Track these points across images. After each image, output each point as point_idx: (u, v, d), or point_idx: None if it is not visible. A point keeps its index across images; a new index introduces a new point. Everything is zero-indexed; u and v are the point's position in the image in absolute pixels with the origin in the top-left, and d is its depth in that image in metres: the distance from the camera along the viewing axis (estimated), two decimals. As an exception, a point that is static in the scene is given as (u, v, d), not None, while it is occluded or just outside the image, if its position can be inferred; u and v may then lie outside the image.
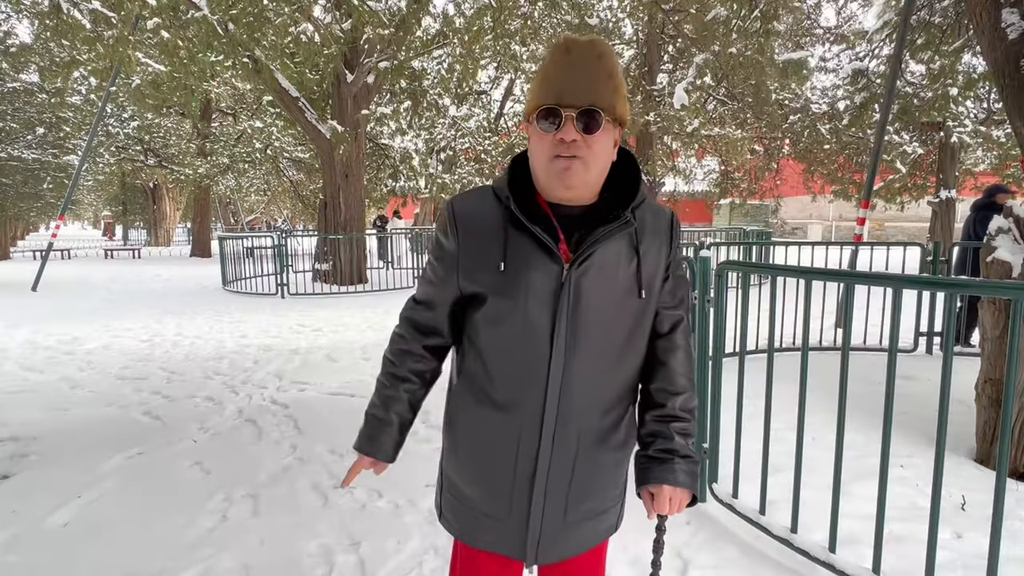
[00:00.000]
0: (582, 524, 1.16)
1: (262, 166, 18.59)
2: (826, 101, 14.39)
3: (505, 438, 1.10)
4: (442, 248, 1.12)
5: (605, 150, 1.03)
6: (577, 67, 0.99)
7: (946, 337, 2.09)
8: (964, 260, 5.42)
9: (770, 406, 2.33)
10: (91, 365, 5.27)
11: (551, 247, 1.03)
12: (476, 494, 1.15)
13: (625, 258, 1.07)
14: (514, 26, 10.07)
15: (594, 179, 1.05)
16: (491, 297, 1.06)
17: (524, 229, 1.04)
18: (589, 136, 0.99)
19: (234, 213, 32.01)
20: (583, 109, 0.97)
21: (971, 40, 8.33)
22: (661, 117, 13.05)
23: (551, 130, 0.99)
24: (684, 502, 1.13)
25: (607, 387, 1.11)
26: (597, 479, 1.14)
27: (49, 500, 2.69)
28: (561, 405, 1.07)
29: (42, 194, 18.33)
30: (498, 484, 1.12)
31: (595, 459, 1.13)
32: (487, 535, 1.15)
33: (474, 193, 1.12)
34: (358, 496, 2.72)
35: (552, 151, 1.00)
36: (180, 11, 8.04)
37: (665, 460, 1.12)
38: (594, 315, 1.05)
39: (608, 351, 1.09)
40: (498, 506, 1.13)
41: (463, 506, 1.17)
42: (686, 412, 1.16)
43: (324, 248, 11.25)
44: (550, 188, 1.05)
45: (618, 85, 1.01)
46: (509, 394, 1.08)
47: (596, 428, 1.12)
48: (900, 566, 2.11)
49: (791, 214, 29.77)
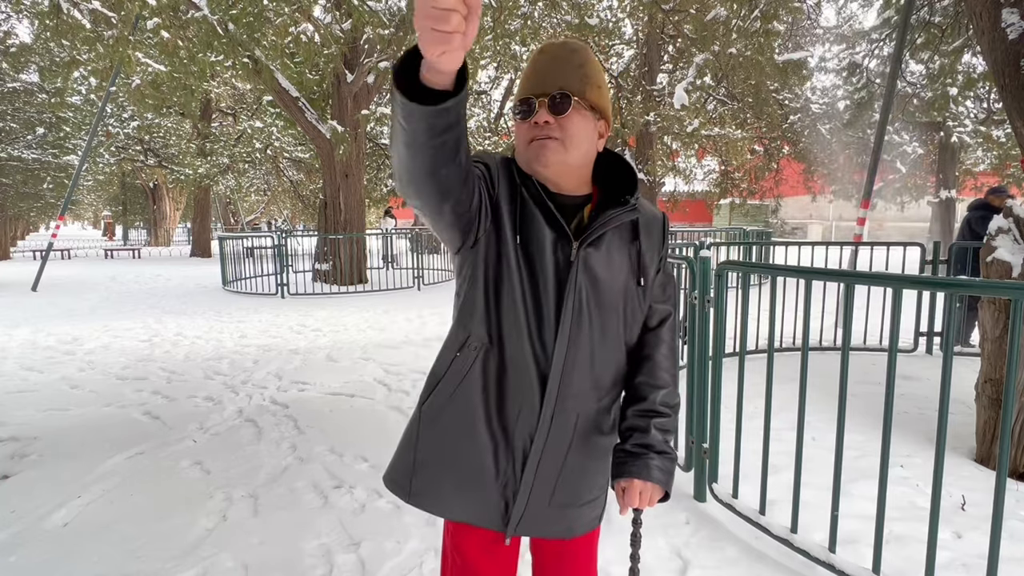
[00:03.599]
0: (568, 509, 1.16)
1: (262, 166, 18.62)
2: (826, 101, 14.41)
3: (504, 414, 1.10)
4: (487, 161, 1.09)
5: (582, 132, 1.06)
6: (549, 61, 1.06)
7: (946, 337, 2.09)
8: (962, 260, 5.42)
9: (770, 406, 2.33)
10: (91, 365, 5.27)
11: (563, 225, 1.07)
12: (462, 467, 1.13)
13: (628, 244, 1.13)
14: (514, 26, 10.06)
15: (574, 161, 1.08)
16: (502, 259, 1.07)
17: (540, 204, 1.07)
18: (560, 116, 1.04)
19: (234, 213, 32.02)
20: (553, 94, 1.04)
21: (971, 40, 8.33)
22: (661, 117, 13.04)
23: (527, 118, 1.06)
24: (656, 497, 1.13)
25: (605, 369, 1.13)
26: (588, 465, 1.16)
27: (49, 500, 2.69)
28: (563, 384, 1.08)
29: (42, 194, 18.35)
30: (488, 460, 1.11)
31: (588, 444, 1.15)
32: (466, 506, 1.14)
33: (500, 154, 1.14)
34: (358, 496, 2.72)
35: (528, 135, 1.06)
36: (180, 11, 8.04)
37: (640, 455, 1.12)
38: (599, 294, 1.09)
39: (609, 333, 1.12)
40: (484, 481, 1.12)
41: (442, 480, 1.14)
42: (667, 407, 1.17)
43: (324, 248, 11.26)
44: (531, 171, 1.09)
45: (589, 74, 1.06)
46: (512, 373, 1.09)
47: (593, 411, 1.14)
48: (900, 566, 2.11)
49: (791, 214, 29.78)
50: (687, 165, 18.45)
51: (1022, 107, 3.29)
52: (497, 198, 1.07)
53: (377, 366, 5.15)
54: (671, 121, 12.89)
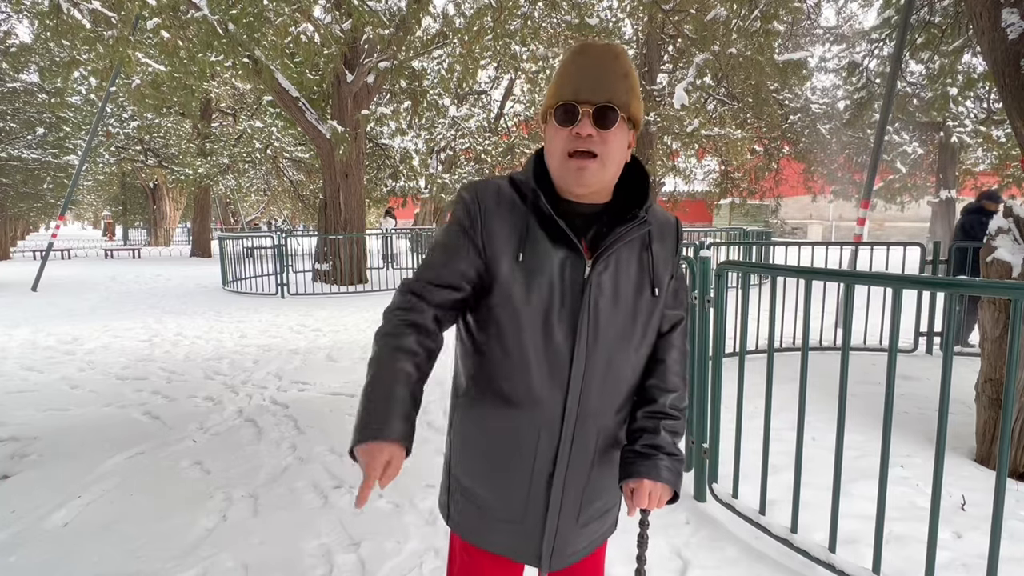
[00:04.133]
0: (590, 524, 1.16)
1: (262, 166, 18.62)
2: (826, 101, 14.41)
3: (524, 439, 1.09)
4: (461, 225, 1.07)
5: (620, 148, 1.04)
6: (594, 66, 1.01)
7: (946, 337, 2.09)
8: (962, 260, 5.42)
9: (770, 406, 2.33)
10: (91, 365, 5.27)
11: (575, 243, 1.03)
12: (490, 497, 1.13)
13: (640, 257, 1.10)
14: (514, 26, 10.07)
15: (610, 178, 1.06)
16: (509, 289, 1.04)
17: (548, 224, 1.04)
18: (605, 132, 1.00)
19: (234, 213, 32.02)
20: (599, 105, 0.99)
21: (971, 40, 8.33)
22: (661, 117, 13.05)
23: (568, 125, 1.00)
24: (664, 498, 1.12)
25: (621, 385, 1.12)
26: (607, 478, 1.15)
27: (49, 500, 2.69)
28: (581, 405, 1.07)
29: (42, 194, 18.35)
30: (514, 486, 1.11)
31: (607, 458, 1.14)
32: (501, 538, 1.14)
33: (493, 181, 1.11)
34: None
35: (568, 146, 1.01)
36: (180, 11, 8.05)
37: (650, 456, 1.11)
38: (613, 314, 1.07)
39: (625, 350, 1.10)
40: (514, 509, 1.11)
41: (475, 508, 1.15)
42: (676, 410, 1.16)
43: (324, 248, 11.26)
44: (566, 186, 1.05)
45: (633, 85, 1.02)
46: (529, 393, 1.07)
47: (611, 426, 1.13)
48: (900, 566, 2.11)
49: (791, 214, 29.78)
50: (687, 165, 18.46)
51: (1022, 107, 3.29)
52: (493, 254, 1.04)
53: (377, 366, 5.14)
54: (671, 121, 12.90)
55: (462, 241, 1.06)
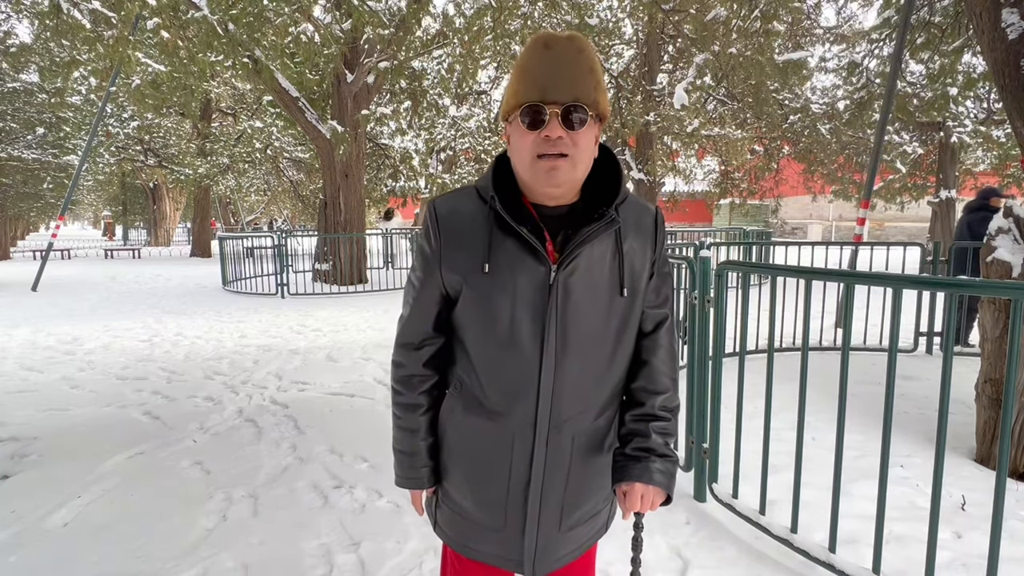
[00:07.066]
0: (576, 529, 1.15)
1: (262, 166, 18.60)
2: (826, 101, 14.40)
3: (498, 447, 1.08)
4: (424, 250, 1.08)
5: (590, 147, 1.01)
6: (559, 62, 0.95)
7: (946, 337, 2.09)
8: (962, 260, 5.43)
9: (770, 406, 2.33)
10: (91, 365, 5.27)
11: (538, 248, 1.00)
12: (471, 505, 1.13)
13: (610, 257, 1.05)
14: (514, 26, 10.07)
15: (580, 176, 1.02)
16: (476, 299, 1.03)
17: (510, 230, 1.01)
18: (574, 133, 0.96)
19: (234, 213, 32.02)
20: (568, 105, 0.95)
21: (971, 40, 8.33)
22: (661, 117, 13.04)
23: (535, 129, 0.96)
24: (657, 501, 1.12)
25: (599, 390, 1.10)
26: (591, 483, 1.14)
27: (49, 500, 2.69)
28: (553, 411, 1.05)
29: (42, 194, 18.35)
30: (492, 495, 1.11)
31: (588, 463, 1.12)
32: (485, 546, 1.14)
33: (456, 193, 1.08)
34: (358, 496, 2.72)
35: (537, 149, 0.97)
36: (180, 11, 8.04)
37: (641, 458, 1.10)
38: (583, 317, 1.04)
39: (598, 353, 1.07)
40: (494, 517, 1.11)
41: (459, 517, 1.16)
42: (666, 411, 1.14)
43: (324, 248, 11.26)
44: (535, 188, 1.02)
45: (599, 80, 0.99)
46: (500, 402, 1.06)
47: (589, 431, 1.11)
48: (900, 566, 2.11)
49: (791, 214, 29.77)
50: (687, 165, 18.44)
51: (1022, 107, 3.29)
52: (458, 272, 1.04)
53: (377, 366, 5.15)
54: (671, 121, 12.89)
55: (427, 276, 1.09)
